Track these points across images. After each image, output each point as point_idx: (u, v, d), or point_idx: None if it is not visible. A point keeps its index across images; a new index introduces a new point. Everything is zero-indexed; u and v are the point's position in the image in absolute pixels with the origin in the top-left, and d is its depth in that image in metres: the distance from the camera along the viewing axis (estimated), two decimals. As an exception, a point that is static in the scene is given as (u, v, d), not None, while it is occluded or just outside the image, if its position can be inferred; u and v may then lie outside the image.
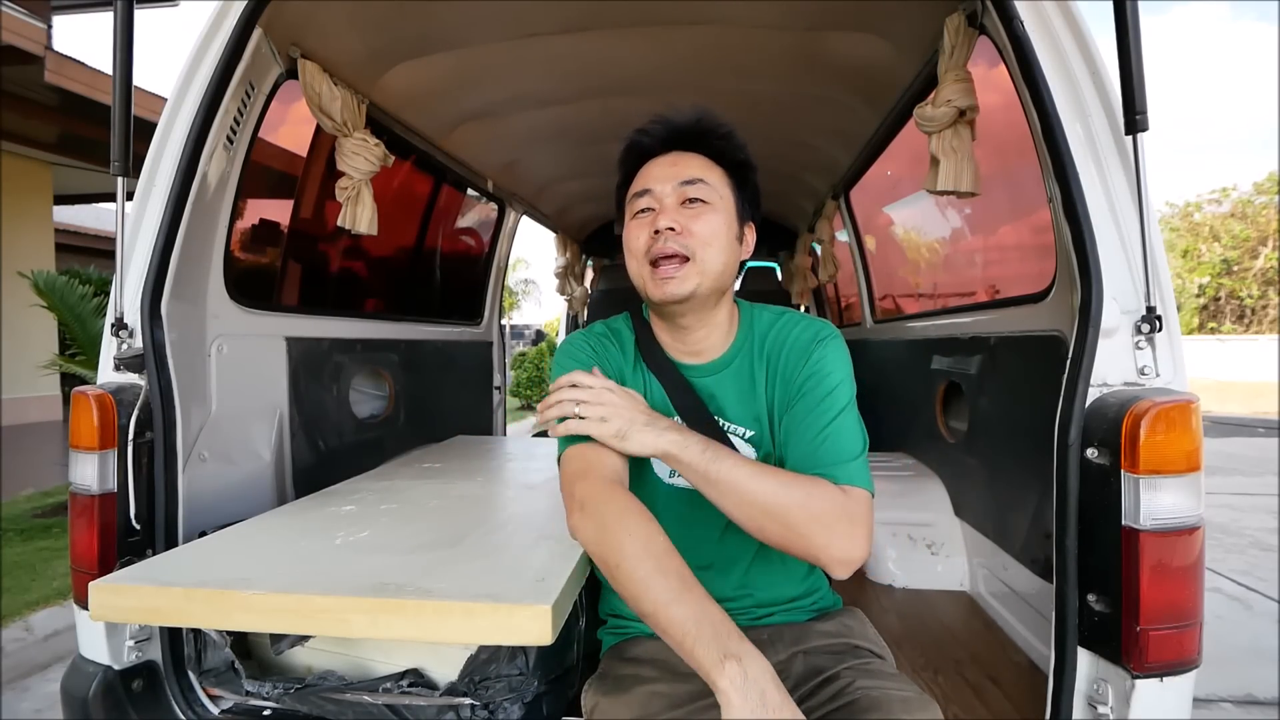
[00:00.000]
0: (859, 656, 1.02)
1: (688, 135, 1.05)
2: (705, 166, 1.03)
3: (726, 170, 1.05)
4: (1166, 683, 1.02)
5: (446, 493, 1.64)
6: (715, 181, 1.03)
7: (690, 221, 1.00)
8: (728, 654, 0.74)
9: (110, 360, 1.33)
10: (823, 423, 0.96)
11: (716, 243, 1.00)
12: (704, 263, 0.99)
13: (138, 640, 1.28)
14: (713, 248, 1.00)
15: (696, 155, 1.04)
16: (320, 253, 2.47)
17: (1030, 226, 1.85)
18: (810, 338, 1.03)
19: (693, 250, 0.99)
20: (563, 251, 4.67)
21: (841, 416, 0.96)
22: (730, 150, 1.05)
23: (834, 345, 1.02)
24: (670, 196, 1.01)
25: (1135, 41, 1.04)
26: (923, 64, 1.80)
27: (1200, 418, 1.03)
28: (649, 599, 0.80)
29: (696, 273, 0.98)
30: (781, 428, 1.01)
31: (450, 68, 2.05)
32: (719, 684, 0.73)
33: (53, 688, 1.94)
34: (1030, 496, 1.56)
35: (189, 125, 1.36)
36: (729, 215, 1.03)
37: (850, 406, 0.98)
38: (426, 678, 1.16)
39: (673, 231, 0.99)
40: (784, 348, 1.04)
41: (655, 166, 1.04)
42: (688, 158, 1.04)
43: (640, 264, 1.02)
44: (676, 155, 1.04)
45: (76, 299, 4.63)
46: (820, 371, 1.00)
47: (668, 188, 1.02)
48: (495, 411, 3.43)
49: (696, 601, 0.78)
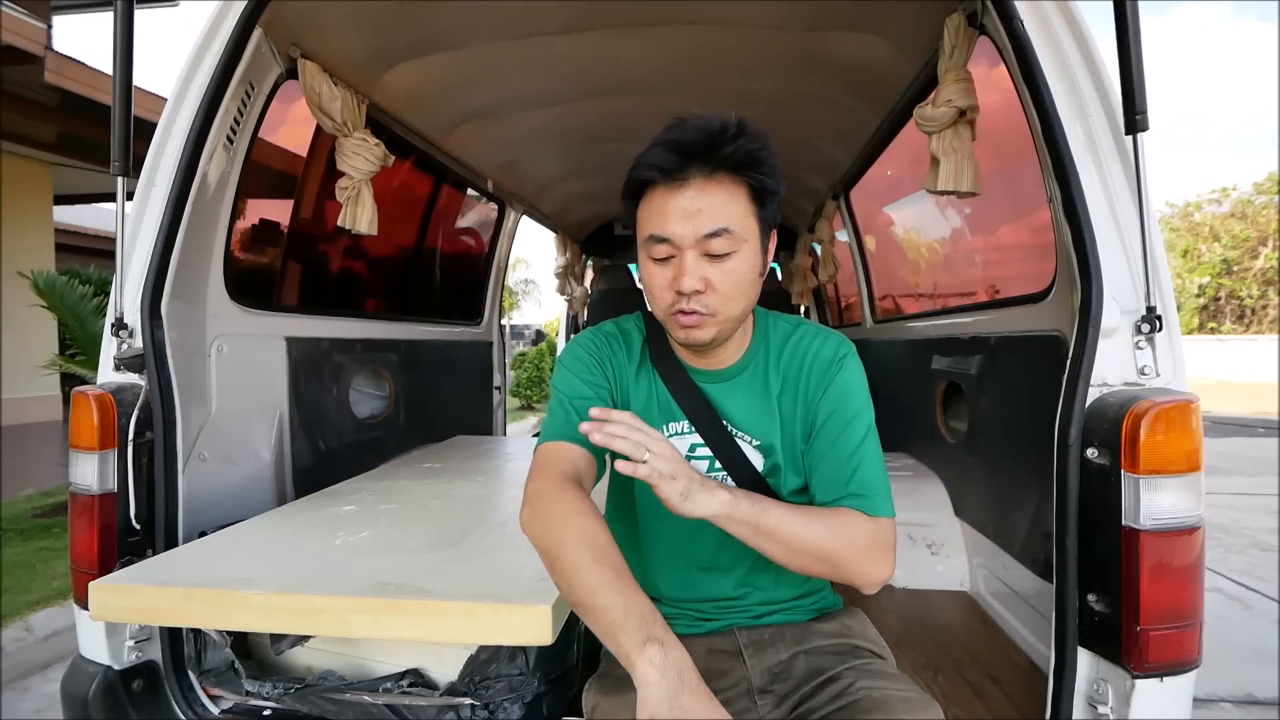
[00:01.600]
0: (860, 657, 1.02)
1: (709, 156, 0.89)
2: (727, 199, 0.90)
3: (751, 193, 0.92)
4: (1166, 683, 1.02)
5: (446, 493, 1.64)
6: (740, 218, 0.91)
7: (716, 276, 0.91)
8: (650, 638, 0.75)
9: (110, 360, 1.33)
10: (849, 449, 0.97)
11: (740, 291, 0.93)
12: (727, 313, 0.94)
13: (138, 640, 1.28)
14: (736, 300, 0.93)
15: (719, 183, 0.90)
16: (320, 253, 2.47)
17: (1030, 226, 1.85)
18: (831, 356, 1.03)
19: (716, 309, 0.93)
20: (563, 251, 4.67)
21: (866, 442, 0.98)
22: (760, 162, 0.91)
23: (854, 364, 1.03)
24: (693, 249, 0.90)
25: (1135, 41, 1.04)
26: (923, 64, 1.80)
27: (1200, 418, 1.03)
28: (581, 586, 0.81)
29: (718, 322, 0.95)
30: (808, 449, 1.01)
31: (450, 68, 2.05)
32: (638, 666, 0.74)
33: (53, 688, 1.94)
34: (1030, 496, 1.56)
35: (189, 125, 1.37)
36: (754, 251, 0.93)
37: (872, 430, 1.00)
38: (426, 678, 1.16)
39: (698, 294, 0.91)
40: (805, 364, 1.03)
41: (672, 207, 0.90)
42: (710, 192, 0.90)
43: (662, 312, 0.97)
44: (698, 190, 0.90)
45: (76, 299, 4.63)
46: (844, 394, 1.00)
47: (689, 238, 0.90)
48: (495, 411, 3.44)
49: (626, 591, 0.79)
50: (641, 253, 0.97)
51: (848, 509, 0.93)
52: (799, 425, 1.03)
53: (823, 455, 0.99)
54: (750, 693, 1.00)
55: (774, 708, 0.99)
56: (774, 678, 1.01)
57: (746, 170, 0.90)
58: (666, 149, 0.90)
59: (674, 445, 0.91)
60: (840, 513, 0.93)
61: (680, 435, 1.05)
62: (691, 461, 1.04)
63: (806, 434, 1.02)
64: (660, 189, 0.91)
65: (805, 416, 1.02)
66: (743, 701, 0.99)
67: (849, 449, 0.97)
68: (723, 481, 1.05)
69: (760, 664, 1.02)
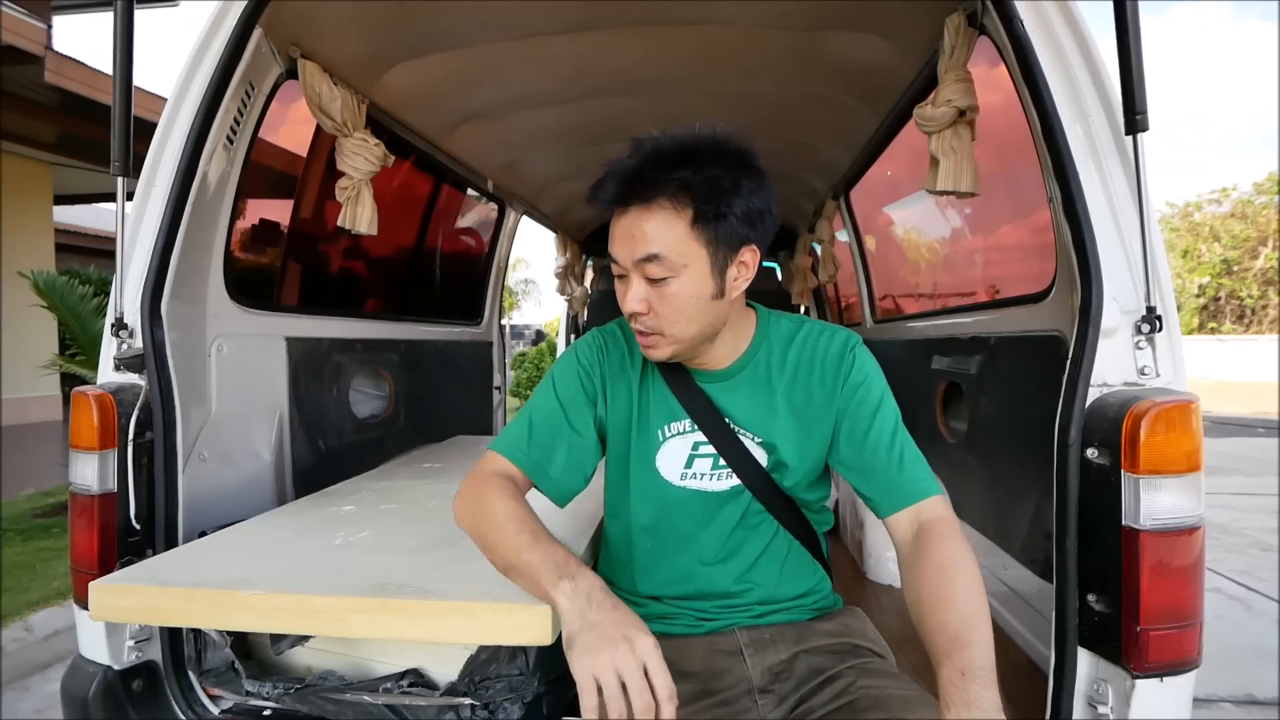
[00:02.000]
0: (860, 656, 1.03)
1: (643, 185, 0.91)
2: (662, 225, 0.90)
3: (697, 212, 0.90)
4: (1166, 683, 1.02)
5: (446, 493, 1.63)
6: (676, 241, 0.91)
7: (657, 300, 0.94)
8: (563, 576, 0.85)
9: (110, 360, 1.33)
10: (886, 442, 1.00)
11: (684, 313, 0.94)
12: (675, 334, 0.96)
13: (138, 640, 1.28)
14: (681, 322, 0.95)
15: (655, 210, 0.91)
16: (320, 253, 2.47)
17: (1030, 226, 1.85)
18: (841, 348, 1.04)
19: (660, 328, 0.95)
20: (563, 251, 4.66)
21: (899, 430, 1.01)
22: (697, 185, 0.90)
23: (865, 354, 1.05)
24: (635, 270, 0.94)
25: (1135, 41, 1.04)
26: (923, 64, 1.80)
27: (1200, 418, 1.03)
28: (506, 551, 0.93)
29: (670, 343, 0.97)
30: (843, 445, 1.03)
31: (450, 68, 2.05)
32: (555, 599, 0.85)
33: (53, 688, 1.94)
34: (1030, 497, 1.56)
35: (189, 125, 1.36)
36: (700, 274, 0.92)
37: (897, 414, 1.03)
38: (426, 678, 1.16)
39: (640, 314, 0.95)
40: (815, 359, 1.04)
41: (618, 230, 0.95)
42: (645, 218, 0.91)
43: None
44: (635, 216, 0.92)
45: (76, 299, 4.63)
46: (863, 384, 1.02)
47: (629, 261, 0.94)
48: (495, 411, 3.44)
49: (543, 548, 0.90)
50: None
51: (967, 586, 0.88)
52: (814, 420, 1.03)
53: (868, 453, 1.00)
54: (751, 692, 1.00)
55: (774, 707, 0.99)
56: (774, 677, 1.01)
57: (681, 196, 0.90)
58: (611, 178, 0.93)
59: None
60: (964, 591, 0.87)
61: (683, 435, 1.05)
62: (695, 460, 1.05)
63: (824, 428, 1.03)
64: (616, 211, 0.95)
65: (825, 410, 1.03)
66: (743, 701, 0.99)
67: (885, 442, 1.00)
68: (731, 481, 1.05)
69: (761, 664, 1.02)
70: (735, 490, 1.05)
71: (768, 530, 1.07)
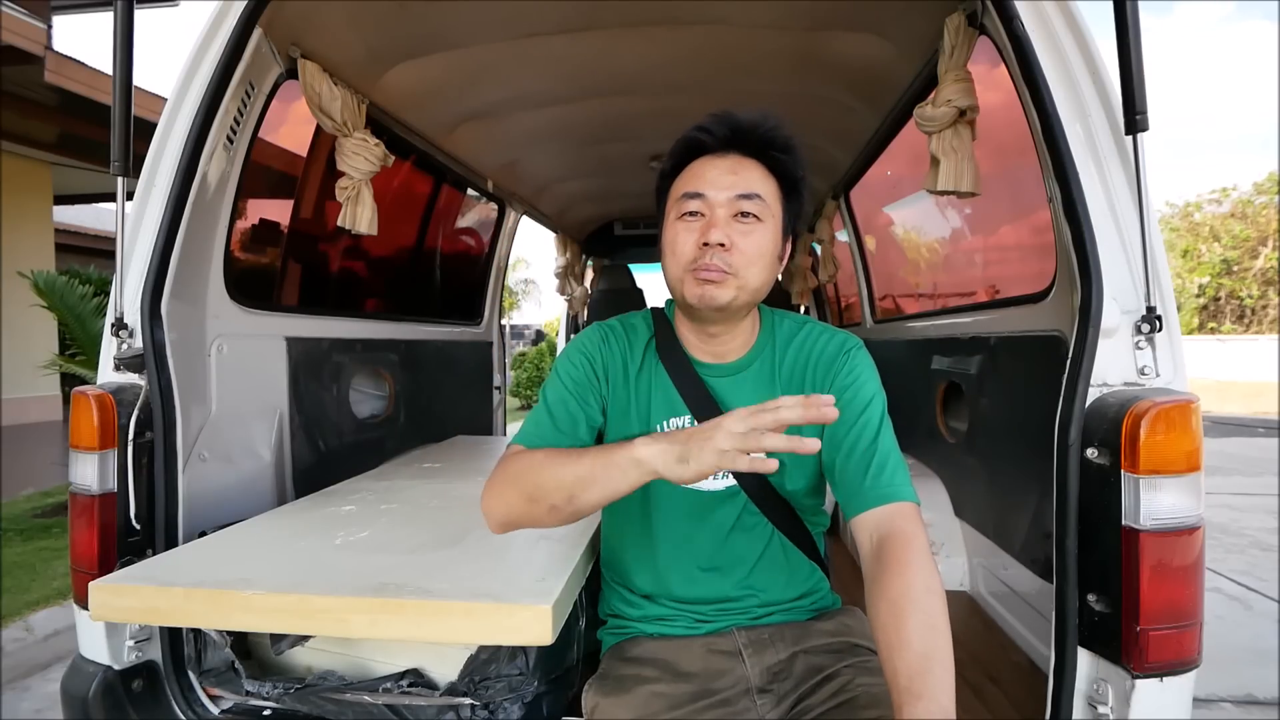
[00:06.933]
0: (858, 655, 1.03)
1: (751, 140, 0.99)
2: (763, 178, 0.99)
3: (781, 185, 1.00)
4: (1166, 683, 1.02)
5: (446, 493, 1.64)
6: (770, 197, 0.98)
7: (741, 238, 0.96)
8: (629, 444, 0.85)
9: (110, 360, 1.33)
10: (864, 445, 0.96)
11: (761, 261, 0.97)
12: (746, 279, 0.97)
13: (138, 640, 1.28)
14: (756, 266, 0.97)
15: (756, 164, 0.99)
16: (320, 253, 2.47)
17: (1030, 226, 1.85)
18: (837, 350, 1.04)
19: (737, 269, 0.96)
20: (563, 251, 4.66)
21: (882, 436, 0.97)
22: (790, 165, 1.00)
23: (861, 356, 1.04)
24: (724, 207, 0.96)
25: (1135, 41, 1.04)
26: (923, 64, 1.80)
27: (1200, 418, 1.03)
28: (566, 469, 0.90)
29: (736, 286, 0.96)
30: (827, 447, 0.99)
31: (450, 68, 2.05)
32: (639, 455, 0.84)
33: (53, 688, 1.94)
34: (1030, 496, 1.56)
35: (189, 125, 1.36)
36: (776, 233, 0.99)
37: (886, 418, 1.00)
38: (426, 678, 1.16)
39: (722, 248, 0.95)
40: (811, 360, 1.05)
41: (712, 169, 0.98)
42: (748, 166, 0.98)
43: (681, 268, 0.98)
44: (736, 160, 0.98)
45: (76, 299, 4.63)
46: (853, 384, 1.01)
47: (723, 196, 0.96)
48: (495, 411, 3.43)
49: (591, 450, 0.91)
50: (670, 215, 1.01)
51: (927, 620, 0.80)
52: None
53: (843, 458, 0.96)
54: (750, 692, 1.00)
55: (773, 707, 0.99)
56: (773, 677, 1.01)
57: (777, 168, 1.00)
58: (719, 122, 0.99)
59: None
60: (926, 625, 0.79)
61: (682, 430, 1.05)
62: None
63: (816, 430, 1.00)
64: (704, 159, 0.99)
65: None
66: (742, 701, 1.00)
67: (867, 440, 0.96)
68: (725, 482, 1.05)
69: (759, 663, 1.02)
70: (730, 491, 1.05)
71: (763, 533, 1.07)
